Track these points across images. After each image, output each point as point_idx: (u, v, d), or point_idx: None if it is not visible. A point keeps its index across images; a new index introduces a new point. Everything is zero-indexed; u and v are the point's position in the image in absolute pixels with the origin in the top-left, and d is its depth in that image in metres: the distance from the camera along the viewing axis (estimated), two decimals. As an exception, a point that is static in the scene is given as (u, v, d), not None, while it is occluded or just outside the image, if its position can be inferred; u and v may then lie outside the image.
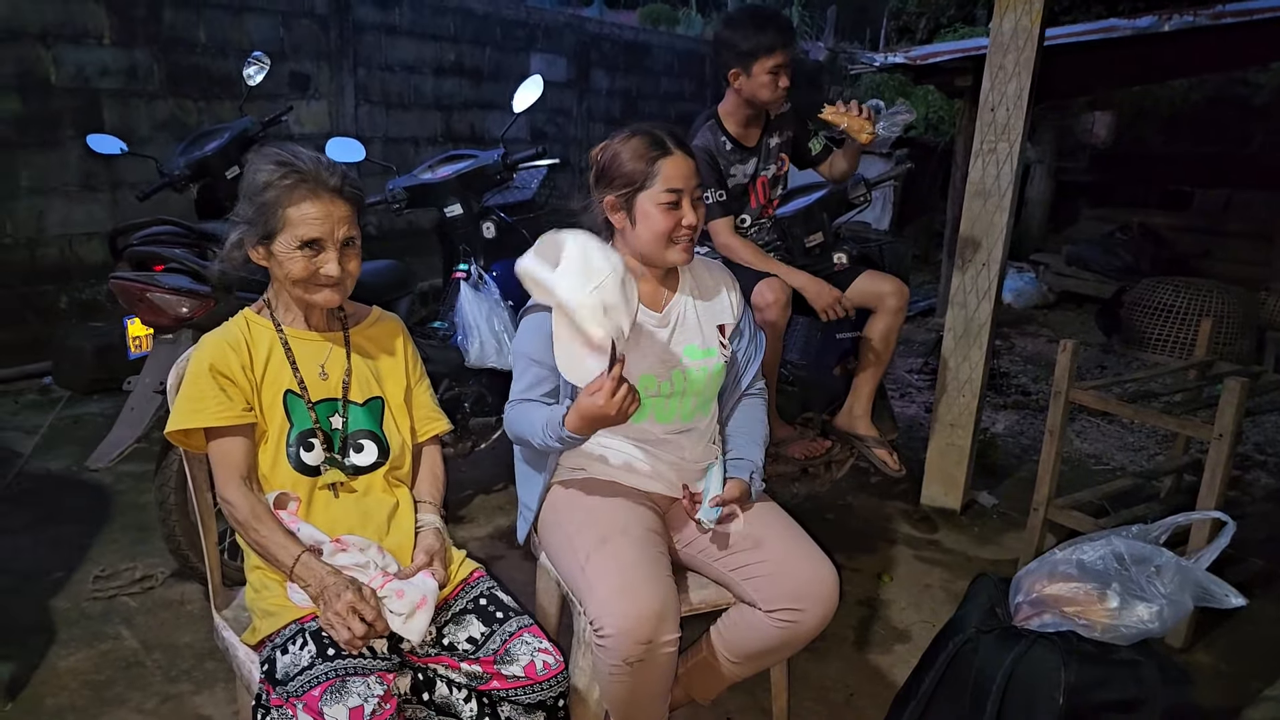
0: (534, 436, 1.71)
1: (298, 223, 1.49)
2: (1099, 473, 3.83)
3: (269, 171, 1.50)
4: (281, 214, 1.49)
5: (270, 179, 1.49)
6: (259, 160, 1.53)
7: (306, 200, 1.49)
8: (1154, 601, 1.78)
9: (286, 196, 1.49)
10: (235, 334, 1.58)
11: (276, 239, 1.51)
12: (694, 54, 9.73)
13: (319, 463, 1.59)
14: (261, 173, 1.50)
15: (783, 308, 2.64)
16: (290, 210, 1.49)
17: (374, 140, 6.08)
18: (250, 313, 1.63)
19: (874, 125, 2.57)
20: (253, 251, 1.54)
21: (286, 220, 1.49)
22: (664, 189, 1.72)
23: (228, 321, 1.61)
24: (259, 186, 1.50)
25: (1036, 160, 8.16)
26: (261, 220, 1.50)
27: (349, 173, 1.57)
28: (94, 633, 2.38)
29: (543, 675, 1.50)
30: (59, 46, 4.39)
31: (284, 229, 1.50)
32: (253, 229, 1.51)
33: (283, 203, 1.49)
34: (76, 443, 3.55)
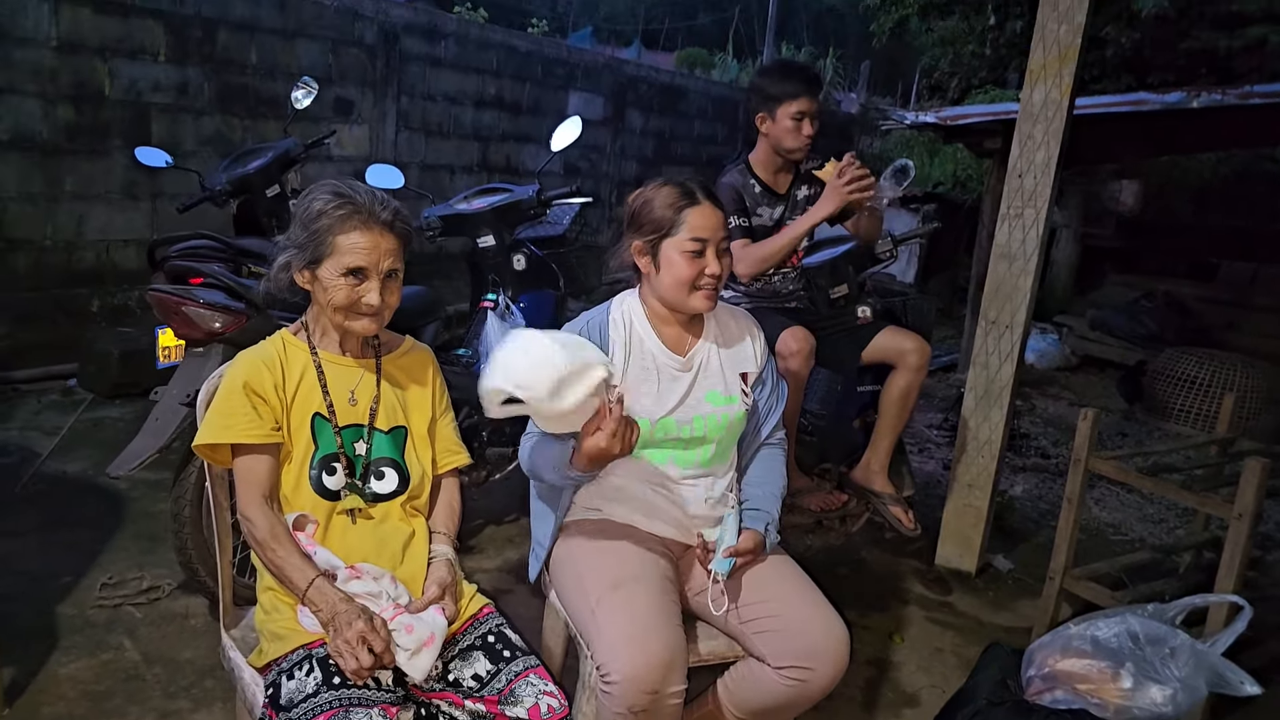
0: (548, 473, 1.73)
1: (345, 251, 1.53)
2: (1117, 543, 3.77)
3: (324, 200, 1.54)
4: (331, 241, 1.53)
5: (325, 207, 1.53)
6: (316, 190, 1.57)
7: (357, 230, 1.53)
8: (1168, 684, 1.75)
9: (339, 225, 1.53)
10: (271, 353, 1.60)
11: (323, 264, 1.54)
12: (728, 99, 9.86)
13: (340, 487, 1.60)
14: (317, 201, 1.55)
15: (806, 357, 2.64)
16: (340, 238, 1.53)
17: (411, 166, 6.20)
18: (287, 334, 1.66)
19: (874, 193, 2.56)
20: (298, 275, 1.58)
21: (335, 247, 1.53)
22: (689, 237, 1.75)
23: (264, 340, 1.64)
24: (314, 214, 1.54)
25: (1063, 224, 8.18)
26: (312, 245, 1.54)
27: (402, 209, 1.61)
28: (97, 641, 2.38)
29: (547, 718, 1.49)
30: (115, 61, 4.55)
31: (331, 255, 1.54)
32: (301, 253, 1.55)
33: (334, 230, 1.53)
34: (95, 446, 3.58)
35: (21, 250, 4.40)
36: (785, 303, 2.91)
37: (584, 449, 1.59)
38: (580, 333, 1.81)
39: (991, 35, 9.20)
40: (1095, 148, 5.69)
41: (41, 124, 4.35)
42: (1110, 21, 7.86)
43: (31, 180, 4.37)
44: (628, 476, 1.83)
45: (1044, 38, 2.93)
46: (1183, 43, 8.05)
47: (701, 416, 1.82)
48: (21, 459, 3.44)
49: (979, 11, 9.21)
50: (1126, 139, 5.85)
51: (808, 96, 2.65)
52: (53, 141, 4.39)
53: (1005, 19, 8.93)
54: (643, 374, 1.81)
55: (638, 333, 1.84)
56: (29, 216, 4.40)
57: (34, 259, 4.45)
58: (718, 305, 1.92)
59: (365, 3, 5.75)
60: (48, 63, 4.31)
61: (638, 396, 1.80)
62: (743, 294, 2.87)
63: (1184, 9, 7.83)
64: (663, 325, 1.85)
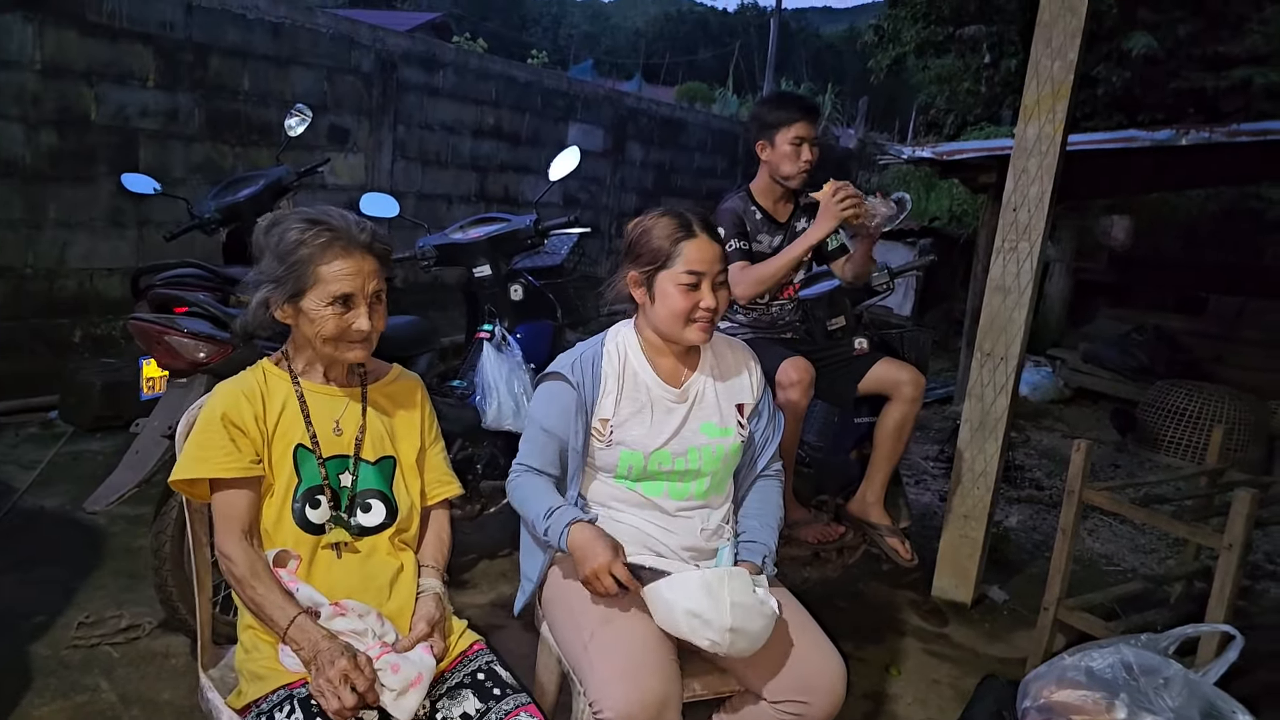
0: (532, 520, 1.74)
1: (329, 279, 1.49)
2: (1110, 573, 3.77)
3: (300, 230, 1.49)
4: (313, 271, 1.48)
5: (301, 237, 1.48)
6: (287, 221, 1.52)
7: (338, 257, 1.49)
8: (1161, 715, 1.79)
9: (319, 254, 1.48)
10: (251, 384, 1.56)
11: (307, 296, 1.50)
12: (727, 133, 9.97)
13: (324, 521, 1.55)
14: (292, 231, 1.49)
15: (806, 387, 2.62)
16: (322, 268, 1.48)
17: (408, 196, 6.21)
18: (268, 364, 1.61)
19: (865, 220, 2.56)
20: (279, 310, 1.52)
21: (318, 277, 1.49)
22: (684, 269, 1.73)
23: (244, 371, 1.60)
24: (290, 245, 1.48)
25: (1056, 259, 8.30)
26: (292, 278, 1.48)
27: (376, 227, 1.57)
28: (72, 683, 2.29)
29: (538, 757, 1.44)
30: (102, 85, 4.51)
31: (315, 286, 1.49)
32: (281, 287, 1.49)
33: (314, 260, 1.48)
34: (74, 481, 3.50)
35: (1, 278, 4.33)
36: (782, 333, 2.90)
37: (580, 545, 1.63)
38: (574, 365, 1.80)
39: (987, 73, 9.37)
40: (1087, 184, 5.77)
41: (24, 149, 4.29)
42: (1101, 61, 8.03)
43: (12, 206, 4.31)
44: (624, 507, 1.80)
45: (1038, 74, 2.97)
46: (1171, 82, 8.25)
47: (696, 448, 1.80)
48: (-1, 493, 3.37)
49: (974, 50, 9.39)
50: (1118, 175, 5.95)
51: (806, 122, 2.68)
52: (35, 167, 4.33)
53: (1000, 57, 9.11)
54: (636, 407, 1.79)
55: (632, 365, 1.82)
56: (9, 244, 4.34)
57: (14, 287, 4.38)
58: (714, 336, 1.91)
59: (362, 31, 5.77)
60: (31, 86, 4.26)
61: (632, 428, 1.78)
62: (740, 324, 2.87)
63: (1172, 50, 8.02)
64: (658, 356, 1.83)
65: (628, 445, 1.77)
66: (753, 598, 1.56)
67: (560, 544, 1.66)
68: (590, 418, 1.78)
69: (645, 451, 1.76)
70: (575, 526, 1.66)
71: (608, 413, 1.78)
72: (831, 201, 2.52)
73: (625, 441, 1.77)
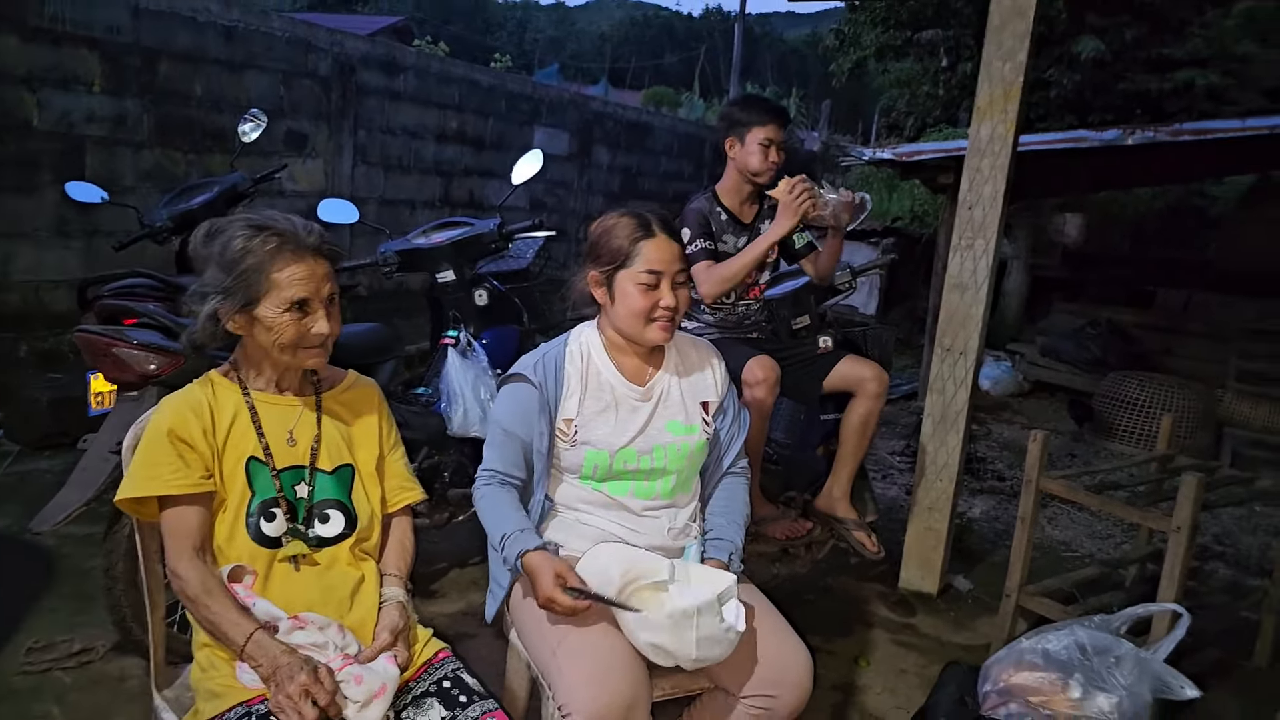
0: (491, 536, 1.73)
1: (284, 285, 1.45)
2: (1069, 559, 3.85)
3: (246, 237, 1.44)
4: (265, 278, 1.44)
5: (249, 244, 1.44)
6: (230, 229, 1.46)
7: (291, 263, 1.45)
8: (1114, 692, 1.83)
9: (270, 261, 1.44)
10: (198, 397, 1.51)
11: (260, 304, 1.46)
12: (694, 136, 10.01)
13: (280, 534, 1.51)
14: (237, 239, 1.44)
15: (772, 385, 2.64)
16: (275, 274, 1.44)
17: (370, 201, 6.12)
18: (216, 375, 1.56)
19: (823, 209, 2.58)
20: (230, 322, 1.47)
21: (272, 284, 1.45)
22: (643, 269, 1.73)
23: (191, 384, 1.54)
24: (237, 253, 1.44)
25: (1013, 256, 8.48)
26: (243, 287, 1.44)
27: (323, 230, 1.54)
28: (21, 711, 2.20)
29: (507, 763, 1.42)
30: (44, 91, 4.37)
31: (269, 293, 1.45)
32: (231, 298, 1.44)
33: (266, 267, 1.44)
34: (21, 501, 3.37)
35: (-58, 292, 4.21)
36: (748, 333, 2.92)
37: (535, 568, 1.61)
38: (536, 365, 1.79)
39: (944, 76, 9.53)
40: (1040, 183, 5.89)
41: (-41, 157, 4.14)
42: (1053, 64, 8.23)
43: (-48, 217, 4.17)
44: (591, 508, 1.80)
45: (990, 76, 3.04)
46: (1119, 84, 8.45)
47: (662, 446, 1.80)
48: (-59, 515, 3.26)
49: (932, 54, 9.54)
50: (1069, 175, 6.10)
51: (775, 125, 2.72)
52: (-28, 176, 4.19)
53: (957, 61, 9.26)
54: (600, 406, 1.79)
55: (595, 364, 1.82)
56: (-52, 257, 4.20)
57: (-44, 301, 4.25)
58: (678, 335, 1.91)
59: (320, 34, 5.69)
60: (-36, 92, 4.11)
61: (596, 427, 1.78)
62: (706, 324, 2.88)
63: (1119, 53, 8.25)
64: (621, 356, 1.83)
65: (592, 444, 1.77)
66: (719, 628, 1.56)
67: (519, 569, 1.66)
68: (554, 418, 1.77)
69: (610, 450, 1.76)
70: (526, 557, 1.64)
71: (571, 412, 1.77)
72: (789, 198, 2.54)
73: (590, 441, 1.77)
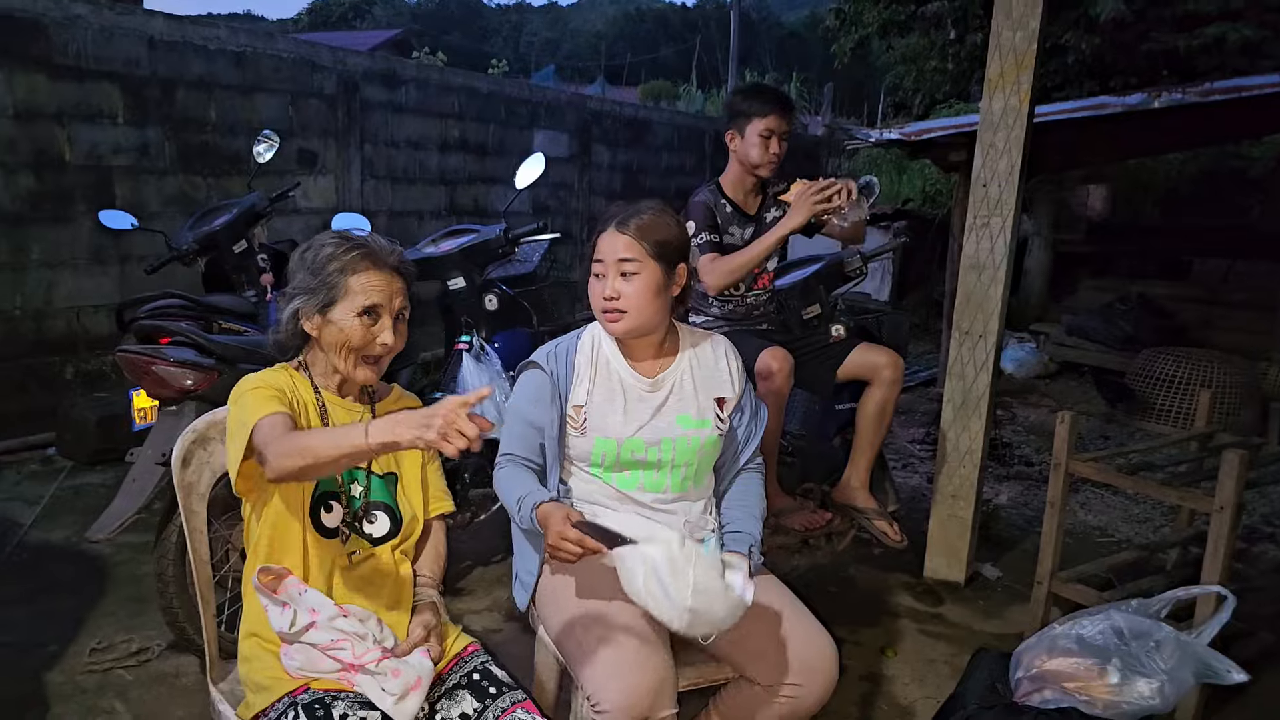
0: (507, 504, 1.77)
1: (359, 290, 1.55)
2: (1104, 545, 3.78)
3: (334, 245, 1.58)
4: (344, 282, 1.55)
5: (335, 251, 1.56)
6: (321, 238, 1.61)
7: (368, 270, 1.56)
8: (1154, 677, 1.77)
9: (351, 266, 1.56)
10: (282, 378, 1.59)
11: (336, 307, 1.56)
12: (694, 129, 9.96)
13: (336, 524, 1.59)
14: (326, 247, 1.58)
15: (786, 376, 2.65)
16: (352, 279, 1.55)
17: (379, 214, 6.21)
18: (290, 369, 1.64)
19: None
20: (308, 321, 1.58)
21: (348, 289, 1.55)
22: (594, 258, 1.79)
23: (272, 368, 1.62)
24: (324, 259, 1.56)
25: (1034, 232, 8.25)
26: (324, 289, 1.55)
27: (405, 255, 1.66)
28: (87, 707, 2.34)
29: (536, 751, 1.48)
30: (74, 125, 4.52)
31: (345, 297, 1.55)
32: (313, 298, 1.55)
33: (346, 271, 1.55)
34: (77, 513, 3.54)
35: (-9, 321, 4.36)
36: (757, 324, 2.93)
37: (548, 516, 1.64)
38: (549, 355, 1.84)
39: (952, 50, 9.28)
40: (1062, 155, 5.73)
41: (3, 193, 4.31)
42: (1069, 29, 7.91)
43: (-3, 250, 4.34)
44: (604, 502, 1.84)
45: (1000, 46, 2.97)
46: (1143, 45, 8.10)
47: (671, 439, 1.82)
48: (4, 529, 3.40)
49: (938, 27, 9.30)
50: (1091, 144, 5.87)
51: (777, 115, 2.70)
52: (15, 210, 4.35)
53: (965, 32, 9.00)
54: (609, 395, 1.83)
55: (605, 355, 1.86)
56: (-3, 286, 4.36)
57: (5, 329, 4.40)
58: (693, 330, 1.95)
59: (322, 53, 5.78)
60: (6, 131, 4.27)
61: (604, 416, 1.82)
62: (715, 317, 2.89)
63: (1142, 11, 7.87)
64: (632, 348, 1.87)
65: (601, 433, 1.80)
66: (718, 583, 1.53)
67: (534, 526, 1.69)
68: (564, 405, 1.82)
69: (619, 439, 1.80)
70: (540, 508, 1.68)
71: (580, 399, 1.82)
72: (809, 194, 2.55)
73: (599, 429, 1.81)
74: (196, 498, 1.71)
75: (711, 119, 10.92)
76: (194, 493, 1.71)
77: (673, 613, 1.49)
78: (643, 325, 1.79)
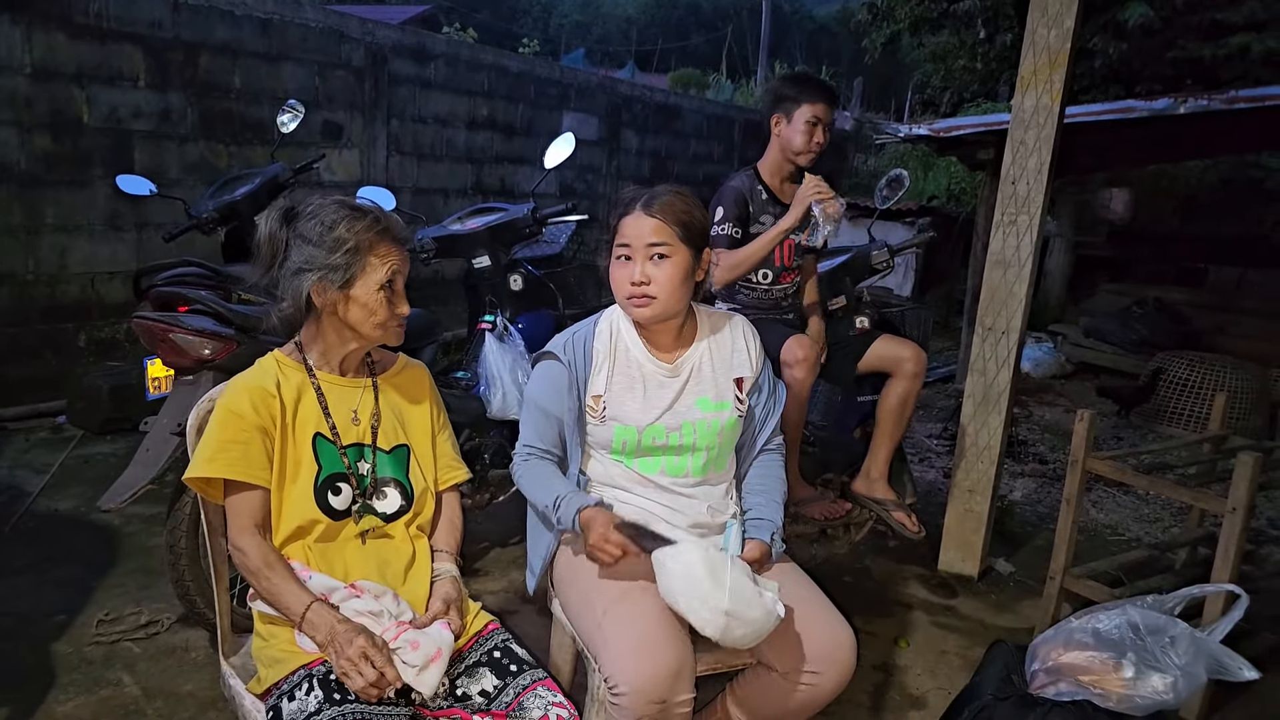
0: (540, 502, 1.75)
1: (379, 267, 1.55)
2: (1115, 543, 3.79)
3: (349, 219, 1.54)
4: (365, 258, 1.54)
5: (353, 224, 1.54)
6: (324, 212, 1.55)
7: (385, 244, 1.56)
8: (1168, 672, 1.79)
9: (369, 242, 1.54)
10: (265, 379, 1.57)
11: (357, 283, 1.54)
12: (723, 118, 9.91)
13: (347, 505, 1.58)
14: (342, 221, 1.54)
15: (812, 365, 2.64)
16: (371, 255, 1.55)
17: (404, 190, 6.17)
18: (281, 355, 1.63)
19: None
20: (321, 297, 1.55)
21: (368, 264, 1.54)
22: (618, 243, 1.76)
23: (258, 363, 1.61)
24: (339, 235, 1.53)
25: (1056, 233, 8.27)
26: (344, 265, 1.53)
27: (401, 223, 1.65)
28: (95, 678, 2.33)
29: (556, 727, 1.47)
30: (93, 87, 4.47)
31: (365, 273, 1.54)
32: (333, 274, 1.53)
33: (364, 247, 1.54)
34: (86, 483, 3.53)
35: (3, 285, 4.32)
36: (784, 315, 2.91)
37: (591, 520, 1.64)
38: (566, 344, 1.82)
39: (982, 49, 9.28)
40: (1086, 156, 5.75)
41: (19, 154, 4.25)
42: (1097, 33, 7.94)
43: (11, 212, 4.28)
44: (626, 486, 1.82)
45: (1034, 44, 2.96)
46: (1169, 52, 8.13)
47: (691, 423, 1.81)
48: (11, 497, 3.39)
49: (969, 26, 9.29)
50: (1116, 148, 5.92)
51: (825, 104, 2.69)
52: (31, 172, 4.30)
53: (995, 32, 9.01)
54: (628, 382, 1.81)
55: (624, 341, 1.84)
56: (10, 249, 4.31)
57: (16, 293, 4.36)
58: (712, 311, 1.93)
59: (352, 24, 5.73)
60: (23, 90, 4.22)
61: (623, 404, 1.79)
62: (741, 305, 2.87)
63: (1169, 19, 7.91)
64: (650, 333, 1.84)
65: (621, 420, 1.78)
66: (753, 588, 1.55)
67: (575, 528, 1.68)
68: (583, 395, 1.79)
69: (639, 426, 1.78)
70: (584, 512, 1.67)
71: (600, 389, 1.79)
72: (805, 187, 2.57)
73: (618, 417, 1.78)
74: (213, 467, 1.69)
75: (741, 108, 10.87)
76: (209, 463, 1.69)
77: (708, 615, 1.50)
78: (669, 311, 1.77)
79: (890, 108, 18.40)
